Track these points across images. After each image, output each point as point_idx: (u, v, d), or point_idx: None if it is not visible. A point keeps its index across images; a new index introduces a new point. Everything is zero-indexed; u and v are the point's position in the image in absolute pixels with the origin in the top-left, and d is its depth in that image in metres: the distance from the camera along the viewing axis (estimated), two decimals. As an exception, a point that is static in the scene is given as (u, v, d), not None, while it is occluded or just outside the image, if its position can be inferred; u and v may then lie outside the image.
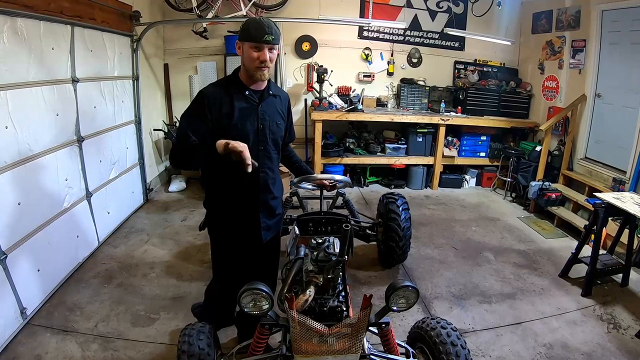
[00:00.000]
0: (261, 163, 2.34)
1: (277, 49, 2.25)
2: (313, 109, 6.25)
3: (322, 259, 2.30)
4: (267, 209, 2.54)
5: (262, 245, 2.57)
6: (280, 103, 2.49)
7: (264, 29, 2.13)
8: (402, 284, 2.02)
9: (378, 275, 3.99)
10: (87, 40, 4.02)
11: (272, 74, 6.40)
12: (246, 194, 2.45)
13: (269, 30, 2.13)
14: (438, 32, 6.90)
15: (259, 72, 2.22)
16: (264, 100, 2.36)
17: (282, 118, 2.50)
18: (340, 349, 1.90)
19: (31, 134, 3.17)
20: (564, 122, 5.79)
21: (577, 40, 5.67)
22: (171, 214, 5.29)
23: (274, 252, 2.77)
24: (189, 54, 6.39)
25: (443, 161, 6.65)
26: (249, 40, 2.18)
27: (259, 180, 2.42)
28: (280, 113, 2.48)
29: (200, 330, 2.14)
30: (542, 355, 2.98)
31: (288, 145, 2.86)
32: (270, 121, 2.39)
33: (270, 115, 2.39)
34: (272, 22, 2.18)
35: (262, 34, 2.13)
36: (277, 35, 2.18)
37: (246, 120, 2.29)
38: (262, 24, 2.15)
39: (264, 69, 2.21)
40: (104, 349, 2.88)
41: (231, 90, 2.29)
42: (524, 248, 4.68)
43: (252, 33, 2.16)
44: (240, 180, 2.34)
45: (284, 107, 2.53)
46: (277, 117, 2.44)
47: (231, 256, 2.62)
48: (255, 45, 2.16)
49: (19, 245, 3.01)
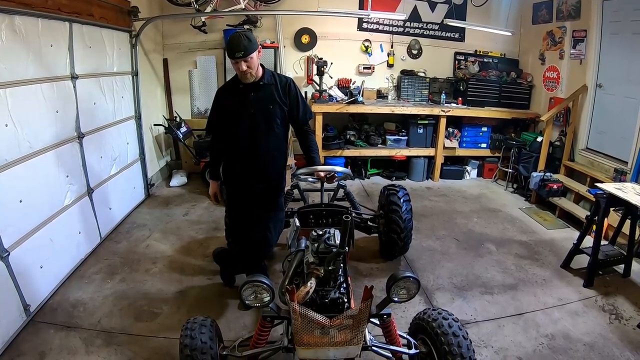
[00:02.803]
0: (258, 140, 2.95)
1: (254, 55, 2.72)
2: (313, 101, 6.23)
3: (323, 250, 2.31)
4: (265, 179, 3.07)
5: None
6: (277, 89, 2.94)
7: (234, 47, 2.65)
8: (403, 274, 2.03)
9: (379, 267, 3.99)
10: (85, 36, 4.01)
11: (274, 67, 6.42)
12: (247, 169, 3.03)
13: (237, 48, 2.64)
14: (438, 23, 6.86)
15: (243, 77, 2.82)
16: (257, 90, 2.88)
17: (279, 102, 2.94)
18: (341, 340, 1.91)
19: (31, 131, 3.17)
20: (565, 113, 5.76)
21: (577, 30, 5.63)
22: (173, 208, 5.30)
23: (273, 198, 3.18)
24: (188, 48, 6.37)
25: (444, 153, 6.64)
26: (228, 57, 2.79)
27: (258, 157, 2.99)
28: (276, 97, 2.93)
29: (202, 324, 2.16)
30: (544, 345, 2.99)
31: (305, 127, 3.17)
32: (261, 106, 2.90)
33: (262, 101, 2.90)
34: (244, 37, 2.68)
35: (233, 52, 2.66)
36: (248, 48, 2.66)
37: (240, 107, 2.90)
38: (232, 43, 2.67)
39: (245, 74, 2.77)
40: (108, 344, 2.89)
41: (231, 87, 2.98)
42: (525, 239, 4.68)
43: (228, 52, 2.74)
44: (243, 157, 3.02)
45: (281, 91, 2.95)
46: (269, 102, 2.92)
47: (238, 200, 3.15)
48: (232, 60, 2.72)
49: (21, 242, 3.03)
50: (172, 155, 6.78)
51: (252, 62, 2.73)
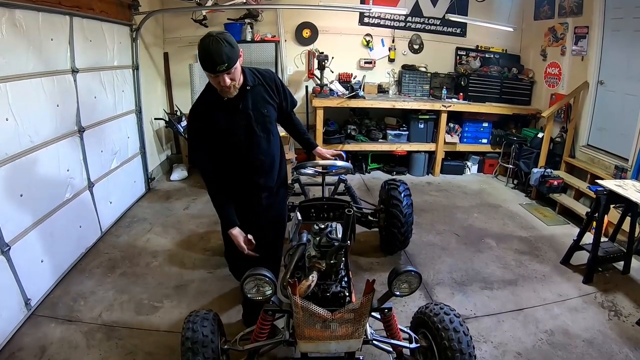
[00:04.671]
0: (255, 152, 2.51)
1: (237, 66, 2.21)
2: (314, 96, 6.23)
3: (325, 244, 2.31)
4: (268, 190, 2.68)
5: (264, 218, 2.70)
6: (264, 88, 2.51)
7: (214, 61, 2.09)
8: (405, 268, 2.03)
9: (380, 262, 4.00)
10: (86, 30, 3.99)
11: (275, 61, 6.41)
12: (248, 181, 2.60)
13: (219, 60, 2.08)
14: (439, 18, 6.83)
15: (225, 93, 2.28)
16: (245, 97, 2.40)
17: (270, 102, 2.54)
18: (343, 334, 1.92)
19: (32, 125, 3.17)
20: (566, 109, 5.75)
21: (579, 26, 5.60)
22: (173, 202, 5.30)
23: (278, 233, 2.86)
24: (188, 42, 6.34)
25: (445, 148, 6.62)
26: (205, 70, 2.18)
27: (256, 169, 2.58)
28: (266, 99, 2.52)
29: (204, 317, 2.16)
30: (543, 341, 3.00)
31: (293, 116, 2.91)
32: (255, 115, 2.45)
33: (254, 108, 2.45)
34: (224, 42, 2.09)
35: (214, 66, 2.10)
36: (231, 58, 2.12)
37: (232, 123, 2.41)
38: (210, 52, 2.08)
39: (229, 89, 2.24)
40: (109, 338, 2.90)
41: (211, 103, 2.38)
42: (525, 235, 4.69)
43: (204, 65, 2.15)
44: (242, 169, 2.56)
45: (269, 89, 2.54)
46: (262, 107, 2.49)
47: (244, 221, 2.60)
48: (211, 74, 2.17)
49: (22, 236, 3.03)
50: (173, 149, 6.77)
51: (235, 73, 2.22)
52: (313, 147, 3.06)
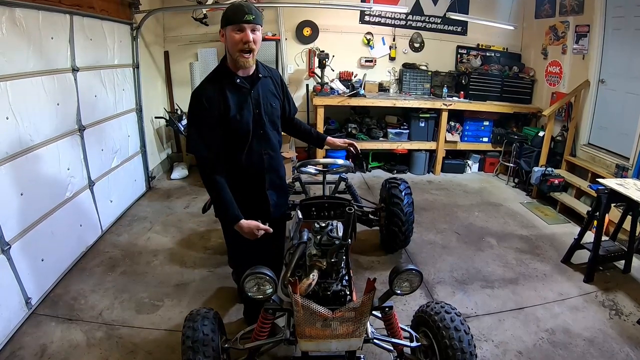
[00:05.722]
0: (262, 146, 2.41)
1: (260, 30, 2.21)
2: (315, 94, 6.23)
3: (326, 242, 2.31)
4: (274, 188, 2.57)
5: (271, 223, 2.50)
6: (272, 83, 2.47)
7: (243, 10, 2.10)
8: (406, 267, 2.02)
9: (380, 260, 4.00)
10: (86, 29, 3.98)
11: (275, 59, 6.40)
12: (253, 178, 2.48)
13: (248, 11, 2.10)
14: (440, 16, 6.82)
15: (242, 58, 2.19)
16: (256, 85, 2.34)
17: (277, 97, 2.49)
18: (343, 333, 1.91)
19: (32, 124, 3.16)
20: (567, 108, 5.74)
21: (580, 25, 5.59)
22: (173, 201, 5.30)
23: (280, 232, 2.80)
24: (189, 40, 6.34)
25: (445, 146, 6.62)
26: (230, 24, 2.16)
27: (263, 163, 2.45)
28: (274, 93, 2.47)
29: (205, 316, 2.16)
30: (544, 340, 2.99)
31: (294, 119, 2.84)
32: (264, 104, 2.38)
33: (264, 98, 2.38)
34: (252, 4, 2.16)
35: (242, 15, 2.10)
36: (258, 15, 2.15)
37: (243, 110, 2.29)
38: (240, 6, 2.12)
39: (247, 54, 2.18)
40: (109, 337, 2.90)
41: (223, 83, 2.27)
42: (526, 234, 4.68)
43: (231, 16, 2.14)
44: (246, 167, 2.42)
45: (276, 85, 2.50)
46: (270, 99, 2.43)
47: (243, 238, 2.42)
48: (237, 28, 2.14)
49: (22, 235, 3.03)
50: (173, 147, 6.76)
51: (258, 36, 2.18)
52: (324, 139, 2.94)
